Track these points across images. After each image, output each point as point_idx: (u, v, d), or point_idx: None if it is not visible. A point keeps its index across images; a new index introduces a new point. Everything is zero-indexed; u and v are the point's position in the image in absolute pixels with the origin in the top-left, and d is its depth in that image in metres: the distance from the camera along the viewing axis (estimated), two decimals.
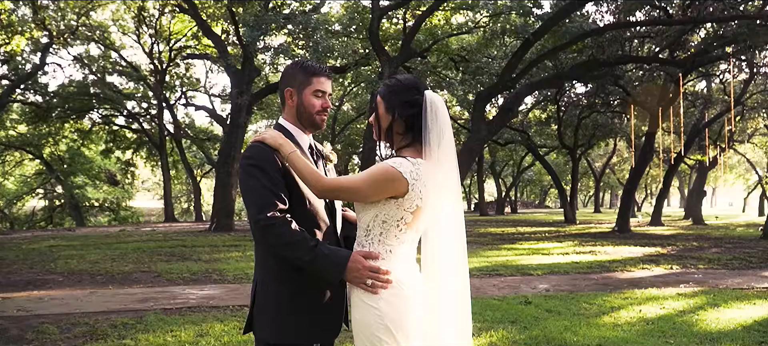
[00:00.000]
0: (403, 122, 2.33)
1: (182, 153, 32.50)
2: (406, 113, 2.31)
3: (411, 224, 2.29)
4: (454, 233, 2.34)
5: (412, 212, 2.26)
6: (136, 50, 31.13)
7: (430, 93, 2.33)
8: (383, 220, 2.28)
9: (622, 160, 48.11)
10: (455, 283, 2.33)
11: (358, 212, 2.35)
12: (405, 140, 2.34)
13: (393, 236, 2.29)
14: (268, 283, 2.39)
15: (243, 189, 2.34)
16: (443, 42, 22.14)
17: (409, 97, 2.32)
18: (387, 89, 2.38)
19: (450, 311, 2.32)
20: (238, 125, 21.36)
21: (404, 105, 2.32)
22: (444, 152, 2.28)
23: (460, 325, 2.33)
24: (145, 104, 31.12)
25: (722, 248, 15.66)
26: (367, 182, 2.23)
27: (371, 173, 2.25)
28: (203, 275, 10.12)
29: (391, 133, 2.37)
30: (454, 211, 2.34)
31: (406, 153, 2.32)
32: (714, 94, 27.90)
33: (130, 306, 7.36)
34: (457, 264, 2.34)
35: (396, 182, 2.21)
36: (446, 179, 2.30)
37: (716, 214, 45.15)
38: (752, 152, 43.27)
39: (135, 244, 15.48)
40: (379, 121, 2.39)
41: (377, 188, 2.23)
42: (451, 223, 2.34)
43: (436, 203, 2.29)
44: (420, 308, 2.28)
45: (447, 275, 2.32)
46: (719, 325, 6.27)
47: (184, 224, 29.24)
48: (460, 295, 2.34)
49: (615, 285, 9.19)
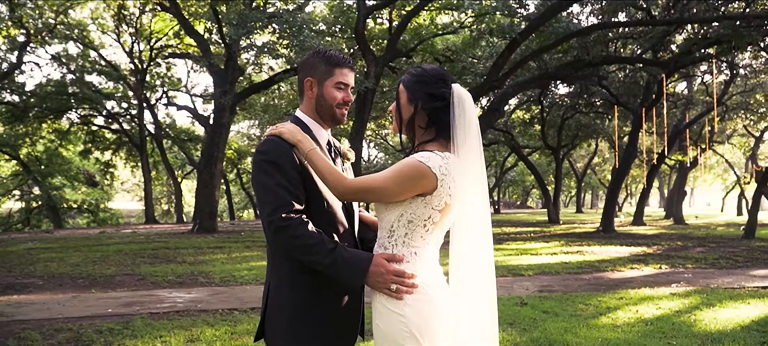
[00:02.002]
0: (426, 115, 2.17)
1: (163, 154, 32.00)
2: (431, 106, 2.15)
3: (438, 223, 2.13)
4: (483, 233, 2.18)
5: (440, 209, 2.10)
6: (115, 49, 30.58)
7: (458, 86, 2.16)
8: (409, 220, 2.11)
9: (603, 160, 48.56)
10: (485, 285, 2.18)
11: (380, 211, 2.19)
12: (428, 135, 2.18)
13: (419, 237, 2.13)
14: (281, 288, 2.21)
15: (256, 186, 2.17)
16: (428, 42, 22.05)
17: (434, 89, 2.16)
18: (411, 78, 2.21)
19: (481, 315, 2.16)
20: (222, 125, 21.05)
21: (429, 97, 2.16)
22: (471, 150, 2.12)
23: (489, 329, 2.18)
24: (124, 104, 30.53)
25: (707, 248, 15.77)
26: (394, 179, 2.06)
27: (398, 169, 2.08)
28: (189, 277, 9.88)
29: (413, 126, 2.21)
30: (483, 210, 2.18)
31: (429, 147, 2.15)
32: (695, 96, 28.25)
33: (116, 311, 7.12)
34: (487, 265, 2.19)
35: (425, 178, 2.05)
36: (475, 177, 2.14)
37: (696, 214, 45.75)
38: (730, 153, 43.90)
39: (116, 246, 15.14)
40: (399, 112, 2.23)
41: (405, 186, 2.06)
42: (481, 222, 2.18)
43: (465, 201, 2.13)
44: (447, 312, 2.13)
45: (477, 277, 2.17)
46: (718, 325, 6.22)
47: (165, 225, 28.80)
48: (489, 297, 2.19)
49: (607, 285, 9.15)
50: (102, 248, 14.55)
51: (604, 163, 49.04)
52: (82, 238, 18.59)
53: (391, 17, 21.41)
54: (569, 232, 22.69)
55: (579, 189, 47.70)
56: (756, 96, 27.97)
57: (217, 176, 21.36)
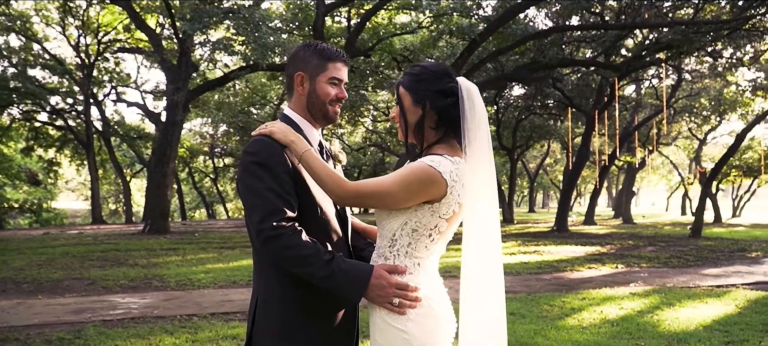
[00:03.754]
0: (436, 115, 2.00)
1: (111, 152, 30.92)
2: (441, 104, 1.99)
3: (444, 233, 1.99)
4: (493, 240, 2.02)
5: (447, 218, 1.95)
6: (61, 42, 29.30)
7: (463, 79, 2.02)
8: (413, 228, 1.95)
9: (554, 161, 49.59)
10: (496, 293, 2.02)
11: (382, 218, 2.02)
12: (435, 136, 2.02)
13: (423, 247, 1.97)
14: (270, 302, 2.02)
15: (244, 190, 1.97)
16: (387, 41, 21.96)
17: (442, 85, 2.00)
18: (413, 79, 2.04)
19: (492, 324, 2.01)
20: (174, 123, 20.44)
21: (437, 95, 1.99)
22: (482, 147, 1.97)
23: (501, 338, 2.03)
24: (70, 100, 29.26)
25: (657, 247, 16.20)
26: (401, 184, 1.90)
27: (406, 173, 1.91)
28: (142, 281, 9.49)
29: (421, 129, 2.03)
30: (494, 213, 2.02)
31: (437, 150, 2.00)
32: (643, 99, 29.13)
33: (65, 318, 6.73)
34: (498, 273, 2.04)
35: (434, 184, 1.90)
36: (486, 178, 1.98)
37: (643, 213, 47.19)
38: (675, 155, 45.47)
39: (62, 248, 14.48)
40: (405, 117, 2.04)
41: (413, 192, 1.90)
42: (492, 228, 2.01)
43: (474, 207, 1.97)
44: (450, 327, 1.99)
45: (489, 285, 2.01)
46: (681, 325, 6.32)
47: (113, 226, 27.82)
48: (500, 306, 2.03)
49: (568, 286, 9.23)
50: (47, 251, 13.89)
51: (555, 163, 50.08)
52: (24, 239, 17.74)
53: (350, 16, 21.23)
54: (524, 231, 22.99)
55: (532, 189, 48.54)
56: (701, 100, 29.02)
57: (169, 175, 20.75)
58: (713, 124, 34.03)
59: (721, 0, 17.76)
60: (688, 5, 18.40)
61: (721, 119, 32.36)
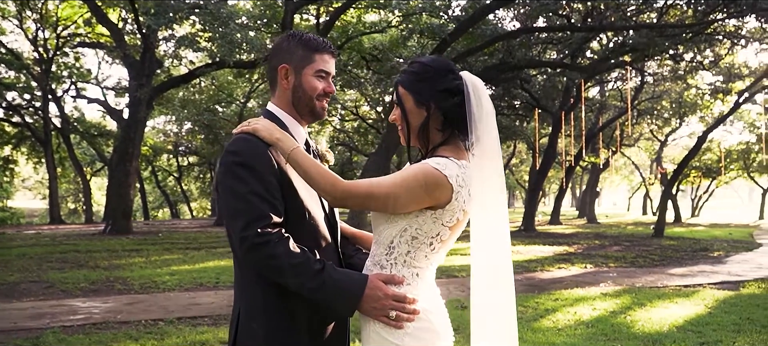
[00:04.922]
0: (442, 116, 1.85)
1: (70, 149, 29.94)
2: (447, 104, 1.84)
3: (446, 242, 1.84)
4: (504, 240, 1.88)
5: (451, 226, 1.81)
6: (17, 36, 28.18)
7: (467, 74, 1.87)
8: (413, 236, 1.80)
9: (520, 161, 50.12)
10: (507, 303, 1.88)
11: (379, 223, 1.86)
12: (441, 138, 1.87)
13: (423, 256, 1.83)
14: (253, 313, 1.85)
15: (225, 194, 1.79)
16: (356, 40, 21.81)
17: (447, 83, 1.84)
18: (414, 77, 1.87)
19: (506, 329, 1.87)
20: (137, 121, 19.88)
21: (442, 94, 1.84)
22: (490, 146, 1.84)
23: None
24: (27, 96, 28.24)
25: (622, 246, 16.45)
26: (403, 186, 1.74)
27: (408, 175, 1.76)
28: (104, 284, 9.15)
29: (427, 132, 1.88)
30: (504, 212, 1.89)
31: (442, 152, 1.84)
32: (608, 100, 29.65)
33: (22, 324, 6.41)
34: (509, 281, 1.90)
35: (439, 188, 1.75)
36: (495, 180, 1.85)
37: (606, 213, 48.09)
38: (636, 155, 46.44)
39: (19, 249, 13.93)
40: (407, 120, 1.88)
41: (415, 195, 1.75)
42: (502, 227, 1.87)
43: (485, 203, 1.83)
44: (448, 341, 1.87)
45: (501, 295, 1.87)
46: (654, 326, 6.35)
47: (72, 226, 26.97)
48: (511, 316, 1.89)
49: (540, 286, 9.25)
50: (2, 252, 13.33)
51: (521, 164, 50.60)
52: None
53: (319, 13, 21.01)
54: None
55: None
56: (662, 102, 29.66)
57: (132, 173, 20.19)
58: (674, 126, 34.85)
59: (683, 5, 18.15)
60: (652, 9, 18.75)
61: (681, 121, 33.16)
